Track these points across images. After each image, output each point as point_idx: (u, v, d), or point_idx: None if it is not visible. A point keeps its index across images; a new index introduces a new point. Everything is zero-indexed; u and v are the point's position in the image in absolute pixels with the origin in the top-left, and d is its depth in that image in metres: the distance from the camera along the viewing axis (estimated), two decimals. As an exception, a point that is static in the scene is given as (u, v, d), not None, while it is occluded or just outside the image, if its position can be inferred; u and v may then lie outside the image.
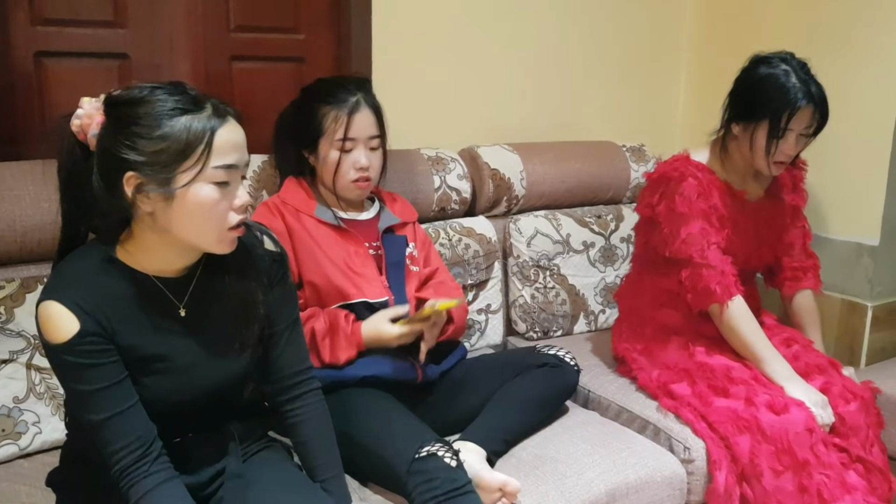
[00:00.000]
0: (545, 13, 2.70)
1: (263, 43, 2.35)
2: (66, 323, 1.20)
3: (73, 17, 2.08)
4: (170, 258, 1.31)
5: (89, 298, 1.22)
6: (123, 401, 1.24)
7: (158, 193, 1.21)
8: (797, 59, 1.95)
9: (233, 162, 1.24)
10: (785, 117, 1.91)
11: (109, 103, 1.23)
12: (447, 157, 2.35)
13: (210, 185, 1.22)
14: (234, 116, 1.26)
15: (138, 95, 1.21)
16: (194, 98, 1.23)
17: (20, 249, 1.72)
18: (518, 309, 2.41)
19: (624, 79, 2.93)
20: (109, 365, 1.23)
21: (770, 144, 1.94)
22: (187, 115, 1.20)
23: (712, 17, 2.93)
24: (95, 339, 1.21)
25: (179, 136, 1.19)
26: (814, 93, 1.91)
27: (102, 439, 1.23)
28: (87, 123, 1.23)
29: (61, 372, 1.24)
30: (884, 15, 2.35)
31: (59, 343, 1.20)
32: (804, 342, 2.14)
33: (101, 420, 1.23)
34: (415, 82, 2.48)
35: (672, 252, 2.00)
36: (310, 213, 1.86)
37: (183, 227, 1.24)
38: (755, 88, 1.97)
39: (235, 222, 1.27)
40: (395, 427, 1.61)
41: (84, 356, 1.21)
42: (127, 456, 1.23)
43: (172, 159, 1.19)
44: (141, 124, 1.19)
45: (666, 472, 1.79)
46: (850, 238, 2.49)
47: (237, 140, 1.26)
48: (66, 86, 2.08)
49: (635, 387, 2.07)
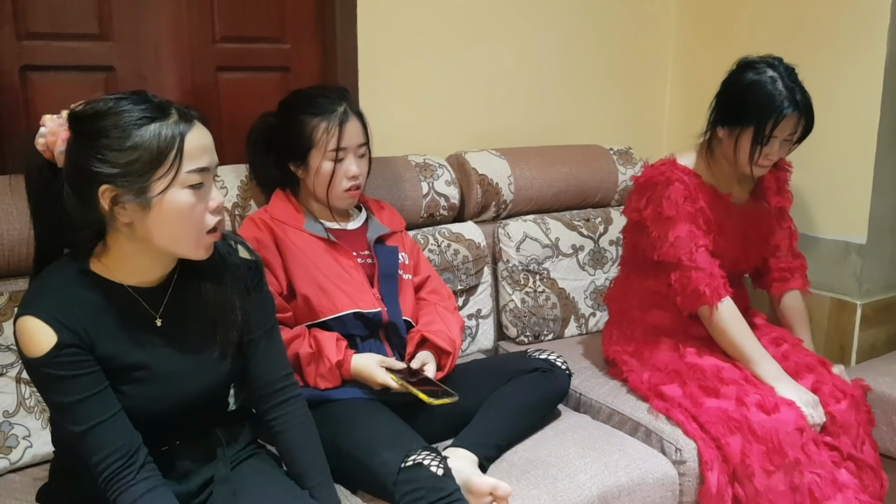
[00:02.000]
0: (531, 19, 2.71)
1: (249, 53, 2.36)
2: (43, 336, 1.20)
3: (59, 30, 2.08)
4: (146, 268, 1.31)
5: (65, 311, 1.23)
6: (105, 410, 1.24)
7: (135, 203, 1.21)
8: (785, 65, 1.96)
9: (205, 165, 1.25)
10: (770, 125, 1.92)
11: (74, 119, 1.23)
12: (435, 164, 2.36)
13: (185, 189, 1.23)
14: (200, 120, 1.27)
15: (103, 108, 1.21)
16: (159, 105, 1.23)
17: (8, 264, 1.72)
18: (508, 313, 2.42)
19: (610, 82, 2.94)
20: (89, 375, 1.24)
21: (754, 150, 1.96)
22: (155, 122, 1.21)
23: (697, 19, 2.94)
24: (73, 351, 1.22)
25: (150, 145, 1.20)
26: (799, 100, 1.91)
27: (87, 449, 1.24)
28: (53, 141, 1.23)
29: (42, 385, 1.25)
30: (866, 13, 2.37)
31: (37, 356, 1.20)
32: (793, 341, 2.14)
33: (84, 430, 1.23)
34: (401, 89, 2.49)
35: (661, 255, 2.01)
36: (298, 226, 1.87)
37: (162, 234, 1.25)
38: (741, 94, 1.98)
39: (212, 224, 1.28)
40: (382, 436, 1.61)
41: (63, 368, 1.21)
42: (112, 465, 1.23)
43: (146, 168, 1.20)
44: (110, 136, 1.19)
45: (658, 474, 1.79)
46: (837, 237, 2.50)
47: (206, 143, 1.26)
48: (52, 99, 2.08)
49: (626, 389, 2.08)
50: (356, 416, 1.67)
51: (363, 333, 1.84)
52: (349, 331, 1.82)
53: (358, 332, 1.83)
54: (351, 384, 1.77)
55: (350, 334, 1.82)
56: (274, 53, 2.39)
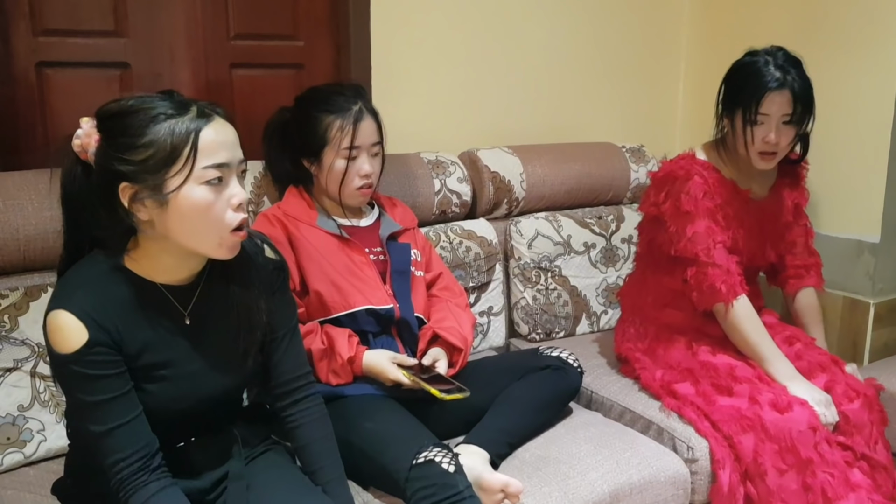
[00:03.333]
0: (543, 16, 2.71)
1: (263, 50, 2.37)
2: (74, 333, 1.20)
3: (75, 27, 2.10)
4: (174, 266, 1.31)
5: (98, 307, 1.23)
6: (127, 412, 1.25)
7: (153, 200, 1.22)
8: (785, 52, 1.96)
9: (223, 160, 1.24)
10: (754, 102, 1.92)
11: (101, 117, 1.24)
12: (447, 161, 2.36)
13: (202, 185, 1.22)
14: (222, 116, 1.27)
15: (126, 106, 1.23)
16: (179, 103, 1.24)
17: (23, 258, 1.73)
18: (520, 311, 2.42)
19: (623, 80, 2.94)
20: (116, 376, 1.24)
21: (745, 132, 1.95)
22: (171, 119, 1.21)
23: (710, 16, 2.93)
24: (103, 350, 1.22)
25: (164, 141, 1.20)
26: (789, 79, 1.91)
27: (104, 450, 1.24)
28: (87, 142, 1.24)
29: (68, 382, 1.25)
30: (881, 11, 2.35)
31: (67, 353, 1.20)
32: (806, 340, 2.14)
33: (104, 431, 1.23)
34: (414, 87, 2.49)
35: (678, 250, 2.00)
36: (311, 223, 1.87)
37: (181, 232, 1.25)
38: (735, 77, 2.01)
39: (236, 223, 1.26)
40: (394, 433, 1.61)
41: (91, 367, 1.21)
42: (128, 467, 1.23)
43: (161, 164, 1.20)
44: (128, 134, 1.20)
45: (669, 472, 1.79)
46: (850, 235, 2.49)
47: (225, 138, 1.25)
48: (67, 95, 2.10)
49: (638, 387, 2.08)
50: (368, 413, 1.68)
51: (375, 330, 1.85)
52: (361, 327, 1.83)
53: (370, 328, 1.84)
54: (363, 380, 1.78)
55: (362, 330, 1.83)
56: (288, 50, 2.40)
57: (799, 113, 1.95)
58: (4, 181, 1.74)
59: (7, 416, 1.64)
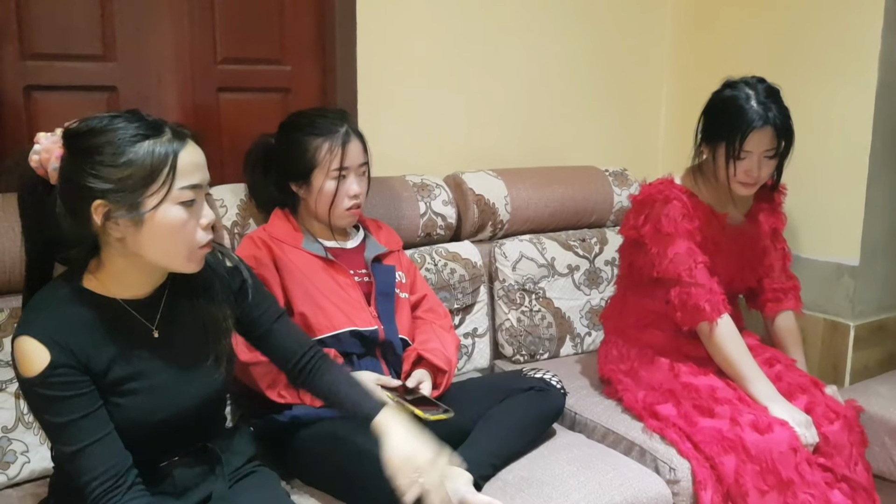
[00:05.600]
0: (527, 41, 2.75)
1: (250, 74, 2.39)
2: (37, 355, 1.22)
3: (63, 51, 2.12)
4: (138, 281, 1.34)
5: (60, 329, 1.24)
6: (97, 431, 1.25)
7: (127, 219, 1.23)
8: (765, 84, 1.99)
9: (197, 182, 1.27)
10: (738, 138, 1.95)
11: (69, 136, 1.25)
12: (432, 184, 2.38)
13: (177, 205, 1.25)
14: (193, 138, 1.30)
15: (98, 125, 1.24)
16: (153, 123, 1.26)
17: (9, 281, 1.73)
18: (504, 332, 2.43)
19: (606, 104, 2.97)
20: (82, 396, 1.25)
21: (728, 165, 1.99)
22: (149, 140, 1.23)
23: (692, 43, 2.98)
24: (67, 371, 1.23)
25: (144, 162, 1.22)
26: (771, 116, 1.94)
27: (77, 469, 1.24)
28: (46, 158, 1.25)
29: (35, 405, 1.26)
30: (856, 37, 2.40)
31: (31, 376, 1.22)
32: (787, 362, 2.16)
33: (74, 451, 1.24)
34: (399, 110, 2.52)
35: (660, 272, 2.02)
36: (297, 245, 1.89)
37: (154, 250, 1.27)
38: (716, 111, 2.03)
39: (204, 241, 1.30)
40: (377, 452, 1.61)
41: (56, 388, 1.22)
42: (100, 486, 1.24)
43: (139, 184, 1.22)
44: (105, 153, 1.22)
45: (651, 493, 1.79)
46: (830, 258, 2.52)
47: (199, 160, 1.29)
48: (55, 119, 2.07)
49: (621, 408, 2.08)
50: (352, 433, 1.67)
51: (360, 351, 1.86)
52: (346, 348, 1.83)
53: (354, 349, 1.85)
54: None
55: (347, 352, 1.84)
56: (274, 75, 2.43)
57: (781, 146, 1.99)
58: (-10, 204, 1.75)
59: (-10, 438, 1.64)
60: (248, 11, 2.34)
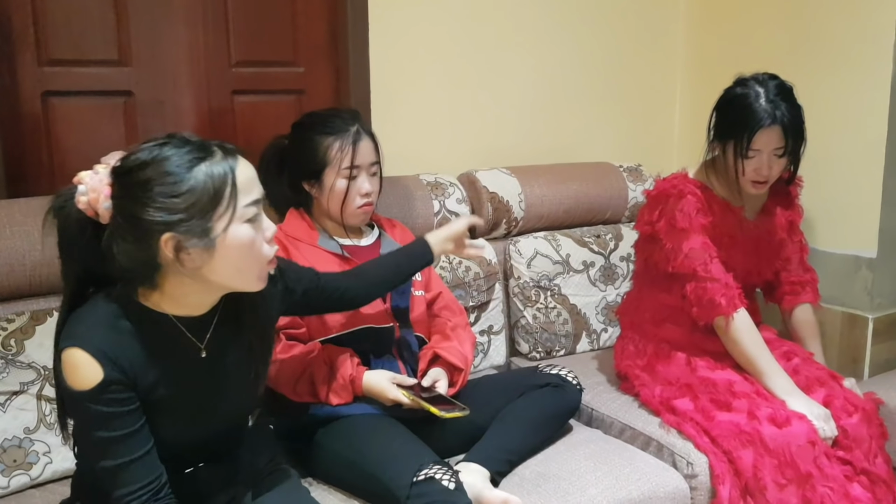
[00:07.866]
0: (540, 39, 2.75)
1: (264, 77, 2.40)
2: (90, 371, 1.20)
3: (79, 56, 2.14)
4: (198, 302, 1.31)
5: (112, 344, 1.22)
6: (139, 447, 1.25)
7: (200, 247, 1.20)
8: (776, 81, 1.98)
9: (257, 196, 1.25)
10: (746, 138, 1.95)
11: (120, 172, 1.21)
12: (446, 182, 2.39)
13: (244, 224, 1.23)
14: (241, 153, 1.27)
15: (148, 157, 1.20)
16: (200, 144, 1.23)
17: (29, 284, 1.76)
18: (520, 329, 2.44)
19: (620, 100, 2.97)
20: (129, 414, 1.24)
21: (737, 163, 1.98)
22: (204, 162, 1.20)
23: (705, 37, 2.97)
24: (118, 388, 1.22)
25: (206, 185, 1.19)
26: (779, 115, 1.93)
27: (114, 483, 1.24)
28: (95, 198, 1.21)
29: (83, 418, 1.24)
30: (871, 29, 2.39)
31: (83, 390, 1.20)
32: (804, 355, 2.15)
33: (115, 466, 1.23)
34: (412, 110, 2.53)
35: (675, 267, 2.02)
36: (313, 243, 1.90)
37: (226, 272, 1.25)
38: (727, 109, 2.03)
39: (272, 254, 1.29)
40: (394, 450, 1.63)
41: (107, 404, 1.21)
42: (136, 500, 1.23)
43: (206, 209, 1.19)
44: (164, 183, 1.18)
45: (669, 488, 1.80)
46: (848, 251, 2.51)
47: (252, 174, 1.27)
48: (72, 123, 2.14)
49: (638, 403, 2.09)
50: (368, 432, 1.69)
51: (375, 349, 1.87)
52: (362, 346, 1.84)
53: (370, 347, 1.86)
54: (363, 400, 1.79)
55: (362, 350, 1.85)
56: (288, 77, 2.44)
57: (791, 145, 1.98)
58: (11, 208, 1.78)
59: (13, 439, 1.66)
60: (261, 14, 2.36)
